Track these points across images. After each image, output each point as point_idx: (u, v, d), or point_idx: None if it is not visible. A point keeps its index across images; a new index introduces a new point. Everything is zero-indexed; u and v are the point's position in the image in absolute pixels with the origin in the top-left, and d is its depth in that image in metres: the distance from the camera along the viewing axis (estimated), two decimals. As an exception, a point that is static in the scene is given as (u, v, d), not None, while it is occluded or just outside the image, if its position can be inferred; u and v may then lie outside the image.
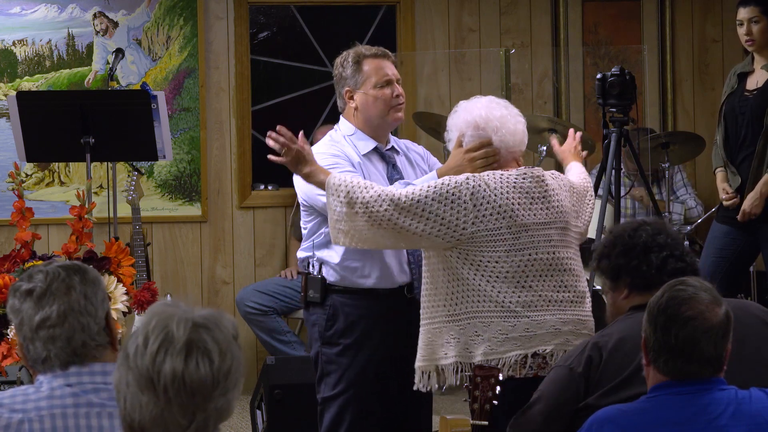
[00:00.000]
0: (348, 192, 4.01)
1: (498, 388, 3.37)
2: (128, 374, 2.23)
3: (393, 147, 4.54)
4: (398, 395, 4.30)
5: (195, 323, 2.23)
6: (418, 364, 4.06)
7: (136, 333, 2.25)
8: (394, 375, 4.30)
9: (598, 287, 6.29)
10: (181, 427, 2.21)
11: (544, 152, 6.94)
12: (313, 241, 4.40)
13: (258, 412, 5.81)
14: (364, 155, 4.43)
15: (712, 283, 3.09)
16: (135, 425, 2.23)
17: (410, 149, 4.62)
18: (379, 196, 3.99)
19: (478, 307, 3.96)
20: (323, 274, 4.39)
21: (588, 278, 5.73)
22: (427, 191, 3.98)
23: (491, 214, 3.97)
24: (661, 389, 3.01)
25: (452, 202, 3.96)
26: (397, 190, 4.03)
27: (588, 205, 4.34)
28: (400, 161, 4.53)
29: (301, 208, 4.46)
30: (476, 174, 4.04)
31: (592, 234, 6.08)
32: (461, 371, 3.94)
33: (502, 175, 4.06)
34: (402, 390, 4.28)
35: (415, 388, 4.08)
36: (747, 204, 5.96)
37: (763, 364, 3.38)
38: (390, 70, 4.46)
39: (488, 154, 4.14)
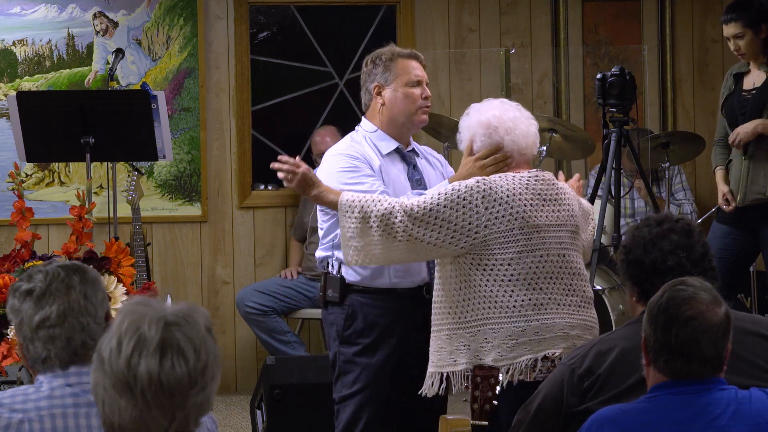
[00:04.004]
0: (362, 207, 4.01)
1: (498, 388, 3.38)
2: (104, 378, 2.21)
3: (413, 149, 4.57)
4: (415, 394, 4.30)
5: (167, 322, 2.22)
6: (429, 370, 4.07)
7: (109, 335, 2.23)
8: (411, 374, 4.30)
9: (599, 287, 6.29)
10: (162, 428, 2.21)
11: (544, 152, 6.93)
12: (332, 241, 4.40)
13: (258, 412, 5.81)
14: (385, 155, 4.44)
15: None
16: (115, 428, 2.22)
17: (430, 154, 4.65)
18: (393, 208, 3.99)
19: (488, 313, 3.96)
20: (342, 274, 4.40)
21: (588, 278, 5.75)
22: (438, 198, 3.98)
23: (503, 216, 3.96)
24: (661, 389, 3.01)
25: (464, 206, 3.96)
26: (409, 200, 4.03)
27: (590, 224, 4.34)
28: (421, 163, 4.55)
29: (318, 208, 4.46)
30: (487, 177, 4.03)
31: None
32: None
33: (513, 176, 4.05)
34: (419, 389, 4.28)
35: (420, 392, 4.09)
36: (740, 128, 6.00)
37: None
38: (421, 71, 4.50)
39: (498, 161, 4.15)
